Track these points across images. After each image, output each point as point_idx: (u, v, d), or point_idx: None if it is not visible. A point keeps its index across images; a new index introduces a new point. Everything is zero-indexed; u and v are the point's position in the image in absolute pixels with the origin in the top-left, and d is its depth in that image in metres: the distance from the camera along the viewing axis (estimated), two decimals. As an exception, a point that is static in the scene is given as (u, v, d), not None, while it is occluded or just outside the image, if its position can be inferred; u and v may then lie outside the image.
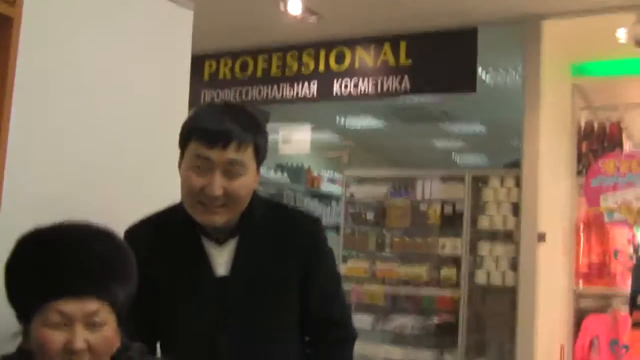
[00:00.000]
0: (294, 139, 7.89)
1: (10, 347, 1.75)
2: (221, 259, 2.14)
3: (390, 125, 10.58)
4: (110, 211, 2.14)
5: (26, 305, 1.66)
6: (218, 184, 1.99)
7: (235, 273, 2.13)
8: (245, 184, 2.05)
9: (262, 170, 7.33)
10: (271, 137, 8.17)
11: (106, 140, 2.49)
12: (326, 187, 10.44)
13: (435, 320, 6.70)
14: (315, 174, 10.36)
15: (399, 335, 6.84)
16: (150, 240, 2.11)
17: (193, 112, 2.14)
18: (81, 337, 1.60)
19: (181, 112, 2.63)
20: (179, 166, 2.09)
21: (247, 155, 2.04)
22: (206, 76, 7.37)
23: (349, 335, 2.36)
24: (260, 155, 2.10)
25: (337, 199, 8.02)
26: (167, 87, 2.76)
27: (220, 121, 2.02)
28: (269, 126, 8.71)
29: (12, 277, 1.69)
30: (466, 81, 6.26)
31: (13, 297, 1.69)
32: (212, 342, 2.10)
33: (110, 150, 2.51)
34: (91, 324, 1.63)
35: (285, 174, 9.47)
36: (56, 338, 1.60)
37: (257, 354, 2.14)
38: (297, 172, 9.73)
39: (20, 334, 1.72)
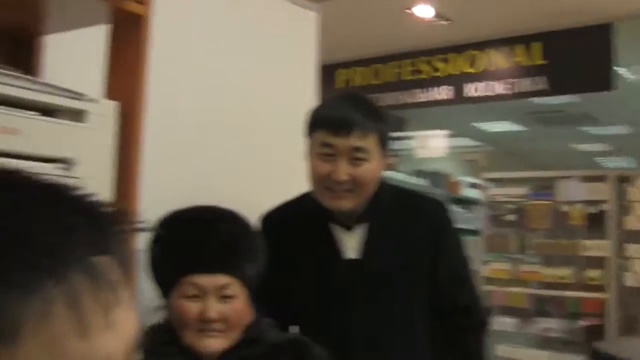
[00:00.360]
0: (430, 145, 7.92)
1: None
2: (351, 244, 2.22)
3: (528, 129, 10.41)
4: (243, 197, 2.29)
5: (165, 280, 1.81)
6: (343, 170, 2.08)
7: (365, 256, 2.20)
8: (370, 170, 2.12)
9: (401, 176, 7.41)
10: (407, 144, 8.25)
11: (236, 137, 2.66)
12: (466, 192, 10.36)
13: (582, 323, 6.54)
14: (454, 179, 10.31)
15: (544, 339, 6.73)
16: (283, 226, 2.23)
17: (318, 103, 2.25)
18: (214, 308, 1.74)
19: (309, 104, 2.75)
20: (306, 155, 2.20)
21: (371, 142, 2.11)
22: (339, 84, 7.53)
23: (480, 321, 2.37)
24: (384, 142, 2.17)
25: (478, 203, 7.96)
26: (295, 84, 2.90)
27: (344, 109, 2.11)
28: (405, 134, 8.83)
29: (153, 256, 1.84)
30: (602, 79, 6.12)
31: (154, 274, 1.85)
32: (343, 323, 2.18)
33: (240, 147, 2.67)
34: (222, 297, 1.75)
35: (426, 180, 9.48)
36: (192, 308, 1.74)
37: (386, 335, 2.21)
38: (436, 178, 9.71)
39: (162, 308, 1.86)
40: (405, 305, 2.24)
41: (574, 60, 6.21)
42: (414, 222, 2.26)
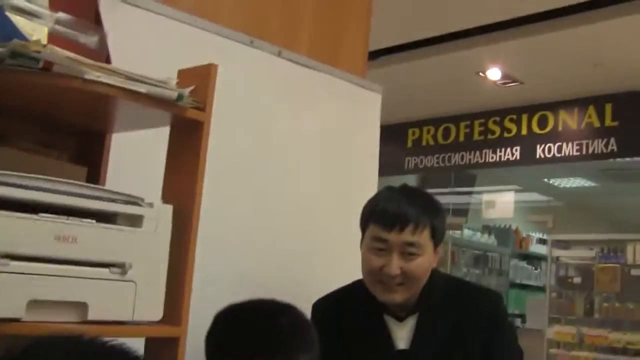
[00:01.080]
0: (498, 202, 7.88)
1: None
2: (402, 334, 2.22)
3: (600, 186, 10.26)
4: (300, 286, 2.33)
5: None
6: (395, 265, 2.09)
7: (416, 347, 2.20)
8: (422, 264, 2.13)
9: (469, 232, 7.38)
10: (476, 199, 8.23)
11: (297, 217, 2.70)
12: (535, 248, 10.23)
13: (651, 390, 6.37)
14: (524, 235, 10.20)
15: (612, 405, 6.58)
16: (335, 314, 2.24)
17: (373, 196, 2.28)
18: None
19: (371, 188, 2.79)
20: (361, 246, 2.23)
21: (424, 237, 2.12)
22: (409, 143, 7.59)
23: None
24: (437, 236, 2.18)
25: (546, 259, 7.88)
26: (357, 165, 2.94)
27: (398, 204, 2.13)
28: (474, 189, 8.80)
29: (210, 348, 1.85)
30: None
31: None
32: None
33: (301, 228, 2.71)
34: None
35: (492, 236, 9.41)
36: None
37: None
38: (504, 234, 9.63)
39: None
40: None
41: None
42: (466, 314, 2.24)
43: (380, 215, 2.14)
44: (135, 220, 1.54)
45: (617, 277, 6.66)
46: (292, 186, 2.70)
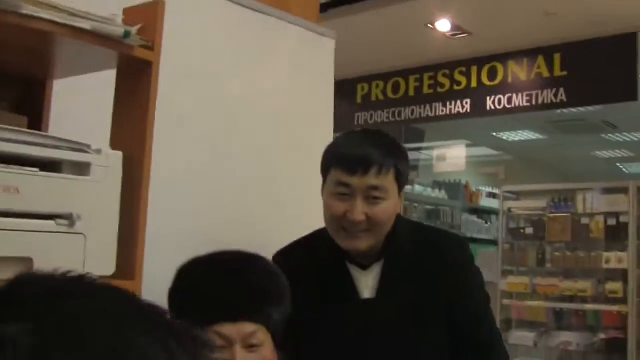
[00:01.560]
0: (449, 157, 7.88)
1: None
2: (366, 283, 2.16)
3: (549, 138, 10.35)
4: (257, 236, 2.23)
5: None
6: (359, 210, 2.01)
7: (381, 296, 2.14)
8: (387, 208, 2.06)
9: (419, 188, 7.40)
10: (426, 155, 8.26)
11: (251, 167, 2.60)
12: (485, 202, 10.30)
13: (602, 336, 6.46)
14: (473, 189, 10.25)
15: (563, 352, 6.66)
16: (297, 264, 2.13)
17: (333, 139, 2.19)
18: (241, 356, 1.67)
19: (326, 137, 2.67)
20: (322, 192, 2.14)
21: (388, 180, 2.04)
22: (359, 99, 7.51)
23: (500, 358, 2.28)
24: (401, 179, 2.10)
25: (497, 213, 7.93)
26: (312, 114, 2.83)
27: (360, 147, 2.05)
28: (424, 144, 8.80)
29: (174, 304, 1.76)
30: (627, 89, 6.04)
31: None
32: None
33: (256, 177, 2.61)
34: (249, 345, 1.69)
35: (443, 191, 9.43)
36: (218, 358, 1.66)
37: None
38: (454, 188, 9.65)
39: None
40: (422, 345, 2.19)
41: (596, 70, 6.14)
42: (431, 260, 2.19)
43: (342, 159, 2.05)
44: (81, 168, 1.43)
45: (568, 226, 6.71)
46: (247, 134, 2.59)
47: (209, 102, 2.46)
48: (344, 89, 7.24)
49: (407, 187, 8.87)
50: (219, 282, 1.73)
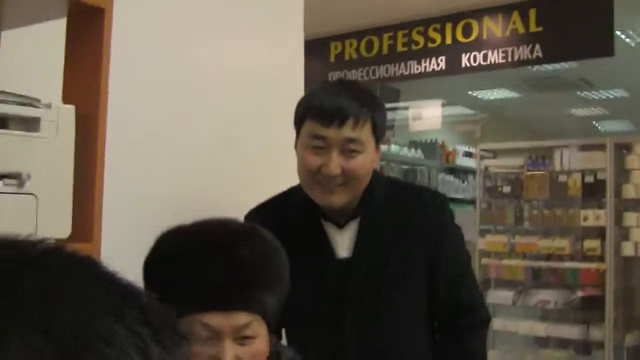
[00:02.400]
0: (425, 116, 7.81)
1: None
2: (343, 241, 2.09)
3: (525, 96, 10.32)
4: (227, 198, 2.14)
5: None
6: (335, 163, 1.93)
7: (357, 255, 2.08)
8: (364, 162, 1.98)
9: (396, 148, 7.33)
10: (402, 115, 8.18)
11: (217, 126, 2.48)
12: (462, 162, 10.26)
13: (580, 294, 6.47)
14: (450, 148, 10.20)
15: (541, 311, 6.67)
16: (270, 224, 2.03)
17: (308, 91, 2.09)
18: (231, 353, 1.44)
19: (297, 93, 2.55)
20: (295, 147, 2.05)
21: (365, 133, 1.96)
22: (332, 58, 7.38)
23: (481, 320, 2.22)
24: (378, 132, 2.02)
25: (474, 172, 7.88)
26: (281, 68, 2.72)
27: (336, 98, 1.95)
28: (400, 104, 8.73)
29: (151, 281, 1.51)
30: (603, 45, 5.97)
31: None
32: (336, 324, 2.07)
33: (222, 137, 2.49)
34: (241, 338, 1.46)
35: (419, 150, 9.37)
36: (203, 354, 1.43)
37: (381, 337, 2.09)
38: (431, 148, 9.59)
39: None
40: (402, 305, 2.12)
41: (572, 26, 6.05)
42: (410, 217, 2.11)
43: (317, 110, 1.95)
44: (30, 124, 1.32)
45: (546, 184, 6.68)
46: (212, 93, 2.48)
47: (171, 58, 2.33)
48: (317, 48, 7.12)
49: (383, 147, 8.80)
50: (207, 263, 1.46)
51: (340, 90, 1.99)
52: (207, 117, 2.45)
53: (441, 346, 2.20)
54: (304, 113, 2.00)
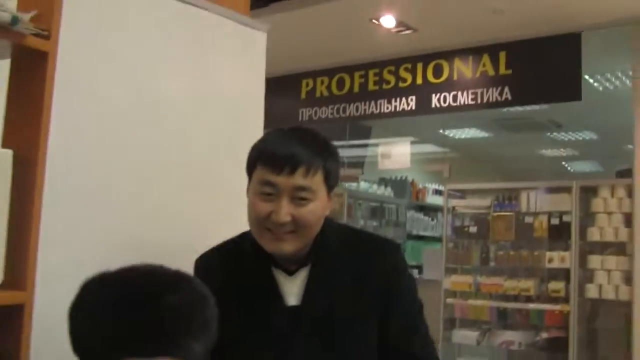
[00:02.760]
0: (394, 154, 7.81)
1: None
2: (292, 289, 2.06)
3: (494, 136, 10.38)
4: (177, 237, 2.10)
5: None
6: (285, 211, 1.91)
7: (306, 303, 2.05)
8: (314, 210, 1.95)
9: (365, 185, 7.33)
10: (372, 152, 8.19)
11: (172, 163, 2.44)
12: (432, 199, 10.30)
13: (545, 335, 6.47)
14: (420, 186, 10.23)
15: (506, 352, 6.66)
16: (220, 269, 2.02)
17: (261, 137, 2.07)
18: None
19: (255, 134, 2.50)
20: (247, 192, 2.02)
21: (316, 181, 1.94)
22: (303, 94, 7.39)
23: None
24: (330, 180, 1.99)
25: (442, 210, 7.92)
26: (241, 110, 2.69)
27: (288, 145, 1.94)
28: (370, 141, 8.75)
29: (76, 329, 1.50)
30: (571, 89, 6.04)
31: (77, 349, 1.50)
32: None
33: (177, 174, 2.45)
34: None
35: (389, 188, 9.39)
36: None
37: None
38: (401, 185, 9.63)
39: None
40: (352, 354, 2.09)
41: (541, 69, 6.13)
42: (362, 264, 2.08)
43: (269, 157, 1.93)
44: (-36, 169, 1.30)
45: (512, 225, 6.71)
46: (169, 129, 2.44)
47: (129, 94, 2.29)
48: (288, 84, 7.15)
49: (352, 185, 8.81)
50: (133, 311, 1.45)
51: (293, 138, 1.97)
52: (162, 154, 2.40)
53: None
54: (256, 159, 1.98)
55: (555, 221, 6.56)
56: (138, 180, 2.31)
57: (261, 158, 1.96)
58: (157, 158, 2.39)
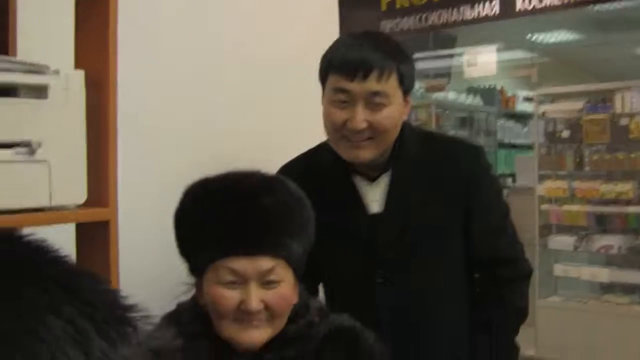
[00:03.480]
0: (480, 62, 7.63)
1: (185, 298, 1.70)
2: (374, 196, 2.06)
3: (585, 38, 9.99)
4: (249, 158, 2.11)
5: (197, 260, 1.60)
6: (360, 118, 1.89)
7: (389, 210, 2.05)
8: (391, 115, 1.93)
9: (453, 95, 7.21)
10: (458, 62, 8.01)
11: (239, 85, 2.43)
12: (522, 107, 10.06)
13: (644, 238, 6.32)
14: (509, 94, 10.00)
15: (604, 256, 6.54)
16: (302, 180, 2.02)
17: (331, 44, 2.04)
18: (256, 297, 1.52)
19: None
20: (322, 101, 2.00)
21: (391, 85, 1.91)
22: (384, 7, 7.24)
23: (521, 273, 2.18)
24: (405, 83, 1.96)
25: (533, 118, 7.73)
26: (315, 21, 2.66)
27: (359, 50, 1.90)
28: (456, 51, 8.57)
29: (181, 232, 1.62)
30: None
31: (183, 251, 1.63)
32: (369, 280, 2.05)
33: (245, 96, 2.44)
34: (266, 282, 1.54)
35: (478, 97, 9.21)
36: (230, 297, 1.53)
37: (416, 293, 2.07)
38: (489, 94, 9.43)
39: (194, 286, 1.65)
40: (436, 260, 2.09)
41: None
42: (443, 169, 2.06)
43: (341, 63, 1.91)
44: (39, 91, 1.33)
45: (606, 127, 6.48)
46: (239, 46, 2.43)
47: (189, 16, 2.28)
48: (368, -2, 7.01)
49: (440, 95, 8.68)
50: (232, 210, 1.54)
51: (363, 42, 1.94)
52: (227, 75, 2.40)
53: (480, 300, 2.17)
54: (328, 67, 1.97)
55: (652, 121, 6.31)
56: (207, 96, 2.33)
57: (333, 65, 1.95)
58: (226, 74, 2.39)
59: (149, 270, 1.83)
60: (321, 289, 2.23)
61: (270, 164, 2.00)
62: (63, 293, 0.59)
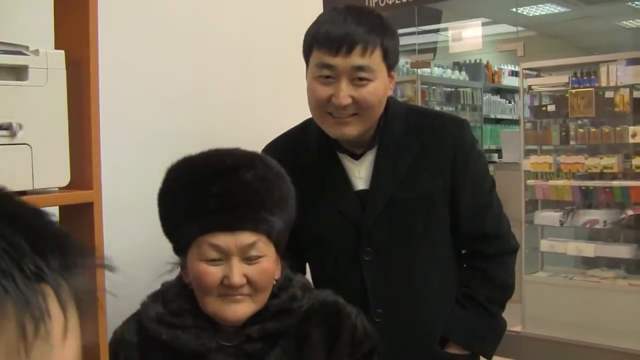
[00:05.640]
0: (465, 36, 7.61)
1: (169, 278, 1.75)
2: (360, 173, 2.06)
3: (571, 10, 9.97)
4: (233, 134, 2.10)
5: (180, 238, 1.63)
6: (345, 93, 1.87)
7: (375, 186, 2.04)
8: (375, 90, 1.91)
9: (439, 70, 7.18)
10: (444, 36, 7.98)
11: (226, 58, 2.42)
12: (508, 81, 10.06)
13: (631, 212, 6.32)
14: (495, 68, 9.99)
15: (590, 231, 6.56)
16: (287, 157, 1.95)
17: (315, 19, 2.02)
18: (238, 271, 1.56)
19: None
20: (306, 77, 1.99)
21: (375, 59, 1.89)
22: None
23: (507, 248, 2.18)
24: (390, 58, 1.94)
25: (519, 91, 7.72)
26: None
27: (342, 25, 1.88)
28: (441, 25, 8.53)
29: (165, 209, 1.66)
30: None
31: (167, 229, 1.67)
32: (356, 258, 2.05)
33: (232, 69, 2.43)
34: (248, 258, 1.58)
35: (464, 72, 9.20)
36: (213, 273, 1.57)
37: (403, 269, 2.08)
38: (475, 69, 9.42)
39: (179, 265, 1.71)
40: (423, 236, 2.08)
41: None
42: (428, 144, 2.05)
43: (324, 38, 1.89)
44: (19, 72, 1.30)
45: (592, 100, 6.47)
46: (223, 19, 2.41)
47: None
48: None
49: (425, 70, 8.66)
50: (213, 185, 1.57)
51: (347, 17, 1.91)
52: (215, 48, 2.38)
53: (466, 275, 2.17)
54: (311, 42, 1.95)
55: (638, 94, 6.30)
56: (190, 70, 2.31)
57: (316, 40, 1.93)
58: (212, 45, 2.38)
59: (135, 252, 1.82)
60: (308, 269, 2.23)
61: (256, 143, 2.00)
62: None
